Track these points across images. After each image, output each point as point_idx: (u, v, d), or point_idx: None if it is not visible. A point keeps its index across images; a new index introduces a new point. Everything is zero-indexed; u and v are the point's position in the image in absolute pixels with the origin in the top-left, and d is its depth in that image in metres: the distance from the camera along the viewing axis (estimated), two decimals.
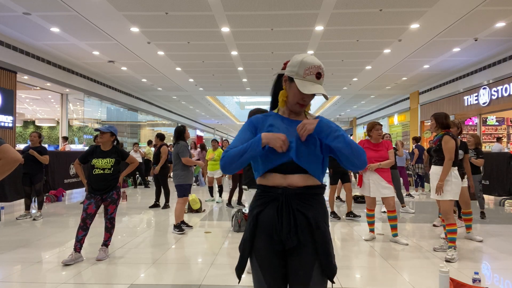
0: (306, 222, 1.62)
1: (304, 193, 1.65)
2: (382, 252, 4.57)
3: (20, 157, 1.97)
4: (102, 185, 4.26)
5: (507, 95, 11.56)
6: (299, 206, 1.63)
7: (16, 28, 9.47)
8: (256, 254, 1.67)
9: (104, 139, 4.37)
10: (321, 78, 1.67)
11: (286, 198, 1.63)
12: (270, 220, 1.64)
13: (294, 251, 1.63)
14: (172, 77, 15.54)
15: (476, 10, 8.14)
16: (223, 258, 4.32)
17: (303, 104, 1.71)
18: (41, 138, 6.85)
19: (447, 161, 4.30)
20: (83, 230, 4.19)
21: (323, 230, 1.63)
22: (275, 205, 1.64)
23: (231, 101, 32.46)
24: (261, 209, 1.67)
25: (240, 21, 9.00)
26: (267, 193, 1.68)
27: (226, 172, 1.67)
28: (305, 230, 1.62)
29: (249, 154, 1.59)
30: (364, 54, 11.87)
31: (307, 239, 1.62)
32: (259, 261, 1.66)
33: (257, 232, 1.67)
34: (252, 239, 1.67)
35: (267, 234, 1.64)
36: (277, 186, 1.66)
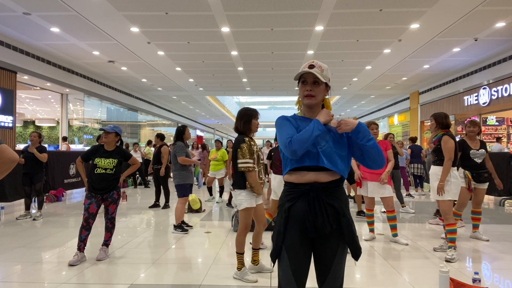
0: (334, 211, 1.85)
1: (330, 186, 1.87)
2: (382, 252, 4.57)
3: (18, 157, 1.96)
4: (103, 184, 4.25)
5: (507, 95, 11.57)
6: (327, 199, 1.85)
7: (16, 28, 9.48)
8: (287, 243, 1.86)
9: (109, 139, 4.36)
10: (315, 68, 1.89)
11: (316, 192, 1.84)
12: (302, 212, 1.84)
13: (323, 238, 1.87)
14: (172, 77, 15.54)
15: (476, 10, 8.14)
16: (223, 258, 4.32)
17: (309, 95, 1.90)
18: (41, 138, 6.85)
19: (447, 161, 4.29)
20: (86, 230, 4.19)
21: (348, 217, 1.87)
22: (306, 199, 1.85)
23: (231, 101, 32.48)
24: (292, 203, 1.87)
25: (240, 21, 9.00)
26: (296, 189, 1.89)
27: (297, 155, 1.84)
28: (334, 219, 1.85)
29: (315, 133, 1.81)
30: (364, 54, 11.87)
31: (335, 226, 1.85)
32: (288, 249, 1.86)
33: (289, 223, 1.87)
34: (285, 229, 1.87)
35: (299, 225, 1.85)
36: (305, 183, 1.87)
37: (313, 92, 1.90)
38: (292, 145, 1.80)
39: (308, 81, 1.91)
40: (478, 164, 5.04)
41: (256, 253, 3.80)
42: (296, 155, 1.83)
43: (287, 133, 1.87)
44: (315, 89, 1.90)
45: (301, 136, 1.81)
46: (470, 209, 5.38)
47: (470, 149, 5.03)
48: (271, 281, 3.56)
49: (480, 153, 5.04)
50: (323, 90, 1.93)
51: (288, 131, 1.88)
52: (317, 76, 1.86)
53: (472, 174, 5.05)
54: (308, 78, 1.91)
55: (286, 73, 14.58)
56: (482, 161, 5.05)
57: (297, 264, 1.86)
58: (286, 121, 1.95)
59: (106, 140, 4.35)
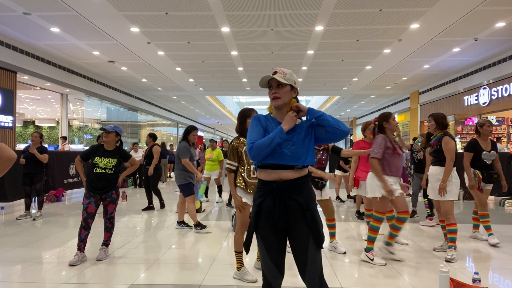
0: (298, 206, 2.06)
1: (294, 183, 2.07)
2: (382, 252, 4.57)
3: (15, 156, 1.96)
4: (102, 184, 4.25)
5: (507, 95, 11.57)
6: (291, 194, 2.06)
7: (16, 28, 9.48)
8: (261, 234, 2.10)
9: (110, 138, 4.35)
10: (277, 73, 2.13)
11: (280, 190, 2.06)
12: (269, 207, 2.07)
13: (292, 229, 2.08)
14: (172, 77, 15.55)
15: (476, 10, 8.14)
16: (223, 258, 4.32)
17: (275, 97, 2.13)
18: (42, 138, 6.87)
19: (449, 161, 4.29)
20: (85, 230, 4.20)
21: (312, 210, 2.08)
22: (272, 196, 2.07)
23: (231, 101, 32.46)
24: (262, 199, 2.10)
25: (240, 21, 9.00)
26: (265, 186, 2.10)
27: (257, 160, 2.08)
28: (297, 212, 2.06)
29: (276, 141, 2.01)
30: (364, 54, 11.87)
31: (300, 218, 2.05)
32: (263, 238, 2.10)
33: (260, 217, 2.10)
34: (256, 222, 2.11)
35: (268, 218, 2.08)
36: (272, 180, 2.08)
37: (278, 94, 2.12)
38: (252, 150, 2.03)
39: (273, 85, 2.14)
40: (488, 165, 4.98)
41: None
42: (255, 159, 2.07)
43: (251, 137, 2.08)
44: (279, 91, 2.12)
45: (261, 143, 2.02)
46: (466, 208, 5.38)
47: (482, 151, 4.97)
48: None
49: (491, 155, 4.99)
50: (288, 92, 2.14)
51: (253, 136, 2.09)
52: (278, 79, 2.09)
53: (483, 174, 4.97)
54: (273, 83, 2.14)
55: None
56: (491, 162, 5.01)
57: (271, 252, 2.09)
58: (256, 123, 2.16)
59: (107, 139, 4.35)
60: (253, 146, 2.02)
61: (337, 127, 2.05)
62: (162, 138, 26.00)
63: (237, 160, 3.61)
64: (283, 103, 2.13)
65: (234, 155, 3.61)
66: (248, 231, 2.15)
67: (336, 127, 2.05)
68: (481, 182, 4.98)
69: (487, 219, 4.98)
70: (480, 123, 5.09)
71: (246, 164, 3.63)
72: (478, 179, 4.94)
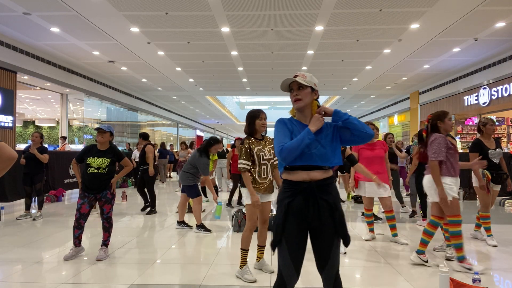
0: (328, 206, 2.11)
1: (323, 184, 2.12)
2: (382, 252, 4.57)
3: (16, 155, 1.95)
4: (96, 184, 4.23)
5: (507, 95, 11.57)
6: (321, 195, 2.10)
7: (16, 28, 9.48)
8: (286, 234, 2.11)
9: (105, 138, 4.35)
10: (298, 76, 2.18)
11: (312, 189, 2.10)
12: (299, 207, 2.10)
13: (319, 228, 2.13)
14: (172, 77, 15.55)
15: (476, 10, 8.14)
16: (223, 258, 4.32)
17: (296, 99, 2.18)
18: (43, 138, 6.88)
19: None
20: (78, 229, 4.24)
21: (340, 210, 2.14)
22: (303, 196, 2.10)
23: (231, 101, 32.47)
24: (291, 199, 2.12)
25: (240, 21, 9.00)
26: (295, 187, 2.13)
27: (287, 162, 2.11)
28: (327, 212, 2.11)
29: (305, 142, 2.06)
30: (364, 54, 11.87)
31: (328, 218, 2.11)
32: (287, 239, 2.11)
33: (288, 217, 2.11)
34: (284, 222, 2.11)
35: (296, 218, 2.11)
36: (302, 181, 2.11)
37: (299, 95, 2.17)
38: (283, 152, 2.06)
39: (294, 88, 2.19)
40: (496, 164, 4.86)
41: (260, 250, 3.88)
42: (286, 161, 2.10)
43: (280, 140, 2.12)
44: (300, 93, 2.17)
45: (291, 145, 2.06)
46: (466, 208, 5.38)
47: (488, 149, 4.85)
48: (271, 281, 3.56)
49: (497, 153, 4.87)
50: (309, 94, 2.19)
51: (281, 138, 2.13)
52: (300, 81, 2.15)
53: (492, 175, 4.86)
54: (294, 86, 2.19)
55: (286, 73, 14.58)
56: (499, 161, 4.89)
57: (294, 251, 2.11)
58: (282, 126, 2.19)
59: (102, 139, 4.33)
60: (283, 148, 2.06)
61: (364, 130, 2.10)
62: (162, 138, 25.99)
63: (250, 159, 3.61)
64: (304, 104, 2.18)
65: (247, 155, 3.60)
66: (275, 232, 2.14)
67: (362, 130, 2.10)
68: (489, 183, 4.85)
69: (488, 220, 4.94)
70: (483, 122, 4.97)
71: (257, 165, 3.64)
72: (487, 179, 4.81)
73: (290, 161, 2.10)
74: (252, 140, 3.69)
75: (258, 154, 3.63)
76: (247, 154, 3.60)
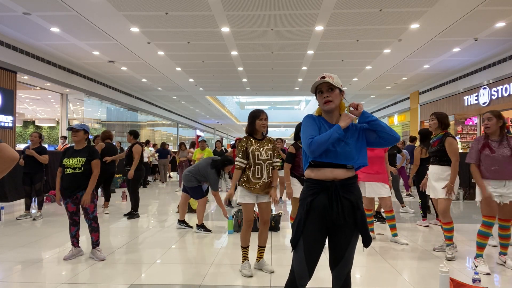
0: (351, 205, 2.11)
1: (346, 183, 2.13)
2: (382, 252, 4.57)
3: (18, 156, 1.96)
4: (73, 184, 4.19)
5: (507, 95, 11.57)
6: (344, 194, 2.11)
7: (16, 28, 9.48)
8: (305, 231, 2.12)
9: (78, 137, 4.30)
10: (326, 78, 2.17)
11: (335, 188, 2.10)
12: (322, 205, 2.11)
13: (339, 228, 2.13)
14: (172, 77, 15.55)
15: (476, 10, 8.14)
16: (223, 258, 4.32)
17: (327, 101, 2.17)
18: (42, 138, 6.87)
19: (455, 162, 4.28)
20: (73, 226, 4.25)
21: (362, 210, 2.14)
22: (326, 194, 2.11)
23: (231, 101, 32.47)
24: (314, 197, 2.13)
25: (240, 21, 9.00)
26: (318, 185, 2.14)
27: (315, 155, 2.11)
28: (350, 211, 2.11)
29: (334, 137, 2.08)
30: (364, 54, 11.87)
31: (351, 217, 2.11)
32: (305, 236, 2.12)
33: (310, 215, 2.12)
34: (305, 220, 2.13)
35: (318, 217, 2.12)
36: (325, 179, 2.12)
37: (330, 97, 2.17)
38: (312, 145, 2.08)
39: (323, 89, 2.19)
40: None
41: (260, 250, 3.89)
42: (314, 154, 2.11)
43: (309, 133, 2.14)
44: (331, 94, 2.17)
45: (320, 138, 2.08)
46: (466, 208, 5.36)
47: None
48: (271, 282, 3.56)
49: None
50: (338, 95, 2.20)
51: (310, 132, 2.15)
52: (330, 82, 2.15)
53: None
54: (323, 87, 2.19)
55: (286, 73, 14.58)
56: None
57: (311, 250, 2.11)
58: (310, 120, 2.22)
59: (75, 138, 4.29)
60: (313, 141, 2.08)
61: (391, 133, 2.14)
62: (162, 138, 25.99)
63: (245, 158, 3.68)
64: (335, 106, 2.19)
65: (243, 153, 3.69)
66: (296, 229, 2.16)
67: (390, 133, 2.14)
68: None
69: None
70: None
71: (252, 165, 3.69)
72: None
73: (317, 154, 2.11)
74: (250, 139, 3.74)
75: (254, 154, 3.67)
76: (243, 153, 3.69)
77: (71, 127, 4.29)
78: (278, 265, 4.05)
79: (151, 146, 15.51)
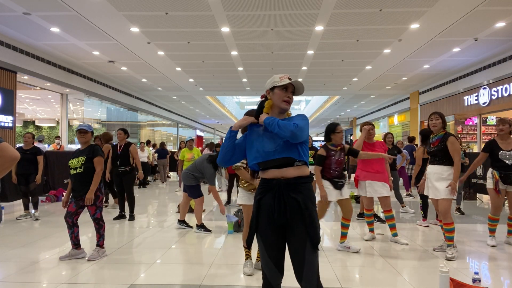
0: (296, 205, 2.07)
1: (294, 182, 2.10)
2: (382, 252, 4.57)
3: (19, 155, 1.98)
4: (77, 185, 4.18)
5: (507, 95, 11.56)
6: (290, 192, 2.09)
7: (16, 28, 9.48)
8: (260, 231, 2.15)
9: (87, 138, 4.28)
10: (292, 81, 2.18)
11: (279, 187, 2.10)
12: (268, 204, 2.12)
13: (289, 227, 2.10)
14: (172, 77, 15.54)
15: (476, 10, 8.14)
16: (223, 258, 4.32)
17: (288, 100, 2.20)
18: (34, 138, 6.86)
19: (458, 161, 4.28)
20: (69, 228, 4.22)
21: (310, 210, 2.08)
22: (272, 193, 2.12)
23: (231, 101, 32.45)
24: (261, 196, 2.16)
25: (240, 21, 9.00)
26: (266, 184, 2.16)
27: (223, 164, 2.29)
28: (295, 211, 2.07)
29: (225, 141, 2.21)
30: (364, 54, 11.87)
31: (296, 217, 2.07)
32: (261, 235, 2.15)
33: (260, 213, 2.15)
34: (256, 218, 2.15)
35: (267, 215, 2.13)
36: (272, 178, 2.13)
37: (291, 98, 2.22)
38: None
39: (289, 89, 2.22)
40: (508, 165, 4.71)
41: None
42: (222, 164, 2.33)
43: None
44: (292, 97, 2.23)
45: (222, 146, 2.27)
46: (467, 208, 5.36)
47: (500, 150, 4.76)
48: None
49: (511, 155, 4.72)
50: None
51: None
52: (296, 87, 2.22)
53: (500, 175, 4.76)
54: (289, 88, 2.22)
55: (286, 73, 14.55)
56: None
57: (270, 247, 2.12)
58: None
59: (84, 139, 4.27)
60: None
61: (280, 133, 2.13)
62: (162, 138, 25.99)
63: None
64: (289, 108, 2.27)
65: None
66: (250, 228, 2.21)
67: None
68: (498, 183, 4.77)
69: (495, 223, 4.91)
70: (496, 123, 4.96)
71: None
72: (495, 179, 4.77)
73: (225, 164, 2.32)
74: None
75: None
76: None
77: (80, 128, 4.25)
78: None
79: (151, 146, 15.51)
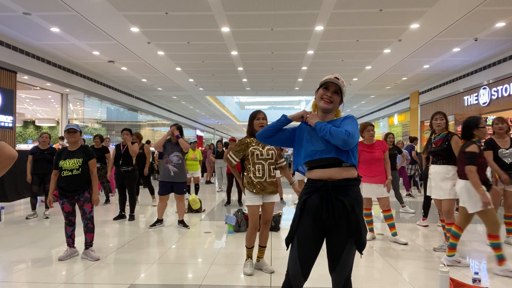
0: (343, 207, 2.06)
1: (341, 184, 2.08)
2: (382, 252, 4.57)
3: (16, 154, 1.96)
4: (73, 186, 4.19)
5: (507, 95, 11.56)
6: (337, 195, 2.07)
7: (16, 28, 9.47)
8: (299, 230, 2.12)
9: (76, 138, 4.28)
10: (339, 80, 2.20)
11: (327, 188, 2.07)
12: (315, 205, 2.09)
13: (334, 230, 2.09)
14: (172, 77, 15.54)
15: (476, 10, 8.14)
16: (223, 258, 4.32)
17: (327, 100, 2.19)
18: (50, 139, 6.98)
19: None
20: (69, 226, 4.26)
21: (357, 213, 2.08)
22: (318, 194, 2.09)
23: (231, 101, 32.45)
24: (307, 196, 2.13)
25: (240, 21, 9.00)
26: (312, 184, 2.14)
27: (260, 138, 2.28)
28: (342, 214, 2.06)
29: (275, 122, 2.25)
30: (364, 54, 11.87)
31: (342, 220, 2.06)
32: (299, 235, 2.11)
33: (304, 213, 2.13)
34: (299, 218, 2.13)
35: (311, 216, 2.10)
36: (319, 179, 2.11)
37: (332, 98, 2.20)
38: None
39: (330, 88, 2.21)
40: (508, 164, 4.68)
41: (260, 250, 3.91)
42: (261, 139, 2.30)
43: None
44: (334, 96, 2.21)
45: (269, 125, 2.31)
46: None
47: (499, 149, 4.72)
48: (271, 282, 3.56)
49: (510, 153, 4.70)
50: (338, 101, 2.25)
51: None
52: (340, 86, 2.20)
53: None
54: (331, 86, 2.21)
55: (286, 73, 14.57)
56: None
57: (304, 248, 2.09)
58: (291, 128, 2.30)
59: (73, 139, 4.26)
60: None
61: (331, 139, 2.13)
62: None
63: (238, 156, 3.76)
64: (331, 108, 2.23)
65: (237, 152, 3.76)
66: (290, 228, 2.18)
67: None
68: (498, 182, 4.76)
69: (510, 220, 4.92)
70: (492, 122, 4.90)
71: (251, 164, 3.71)
72: (495, 179, 4.75)
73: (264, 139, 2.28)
74: (248, 140, 3.79)
75: (253, 152, 3.69)
76: (238, 152, 3.77)
77: (69, 128, 4.25)
78: (278, 265, 4.05)
79: (151, 146, 15.51)
